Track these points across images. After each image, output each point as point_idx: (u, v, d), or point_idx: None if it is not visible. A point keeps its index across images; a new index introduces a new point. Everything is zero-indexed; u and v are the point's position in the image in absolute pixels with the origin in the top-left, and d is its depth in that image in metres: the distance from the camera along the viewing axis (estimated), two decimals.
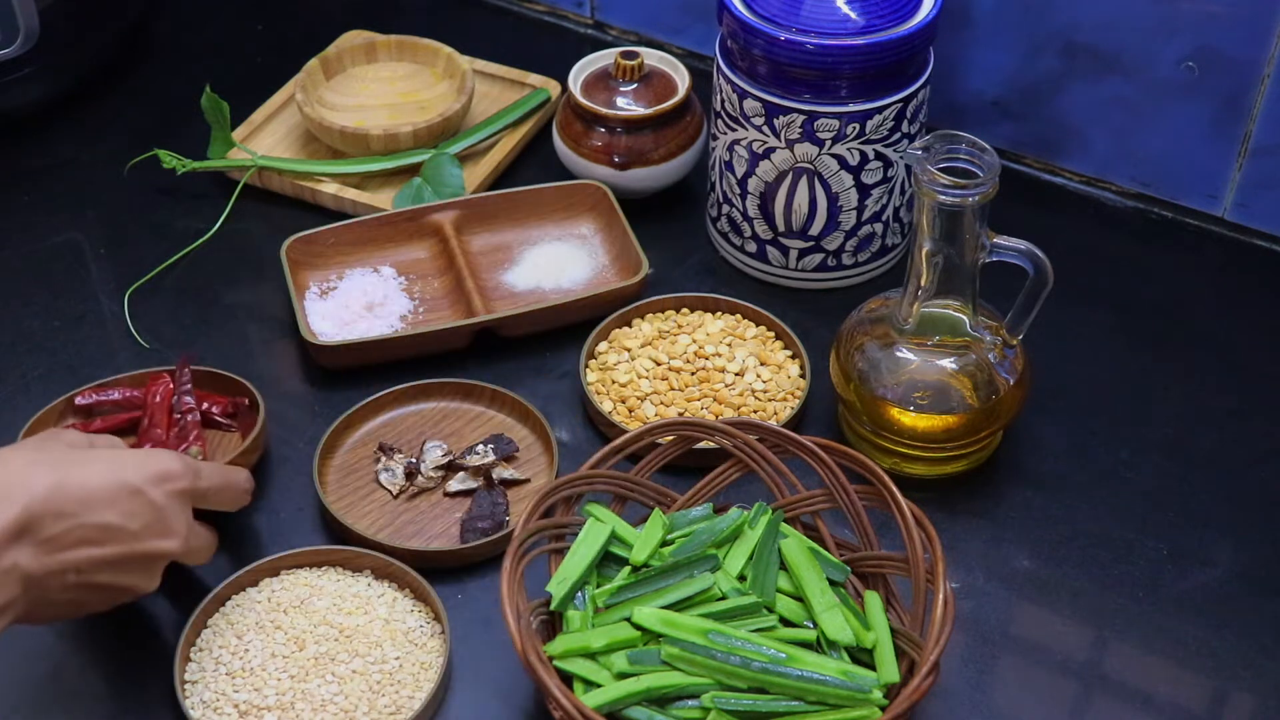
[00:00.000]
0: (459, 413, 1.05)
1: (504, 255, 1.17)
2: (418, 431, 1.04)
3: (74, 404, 1.03)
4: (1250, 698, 0.91)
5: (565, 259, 1.16)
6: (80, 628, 0.93)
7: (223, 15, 1.45)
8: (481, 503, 0.99)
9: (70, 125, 1.31)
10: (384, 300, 1.12)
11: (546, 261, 1.16)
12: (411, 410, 1.05)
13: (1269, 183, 1.16)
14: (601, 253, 1.17)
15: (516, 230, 1.18)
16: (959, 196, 0.89)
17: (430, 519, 0.99)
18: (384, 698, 0.87)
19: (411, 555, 0.95)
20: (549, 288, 1.14)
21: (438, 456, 1.01)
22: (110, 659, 0.92)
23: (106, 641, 0.92)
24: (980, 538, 0.99)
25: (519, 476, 1.01)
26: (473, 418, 1.05)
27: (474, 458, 1.01)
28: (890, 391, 0.97)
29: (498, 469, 1.01)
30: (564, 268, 1.16)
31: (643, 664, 0.82)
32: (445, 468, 1.01)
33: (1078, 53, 1.17)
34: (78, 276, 1.17)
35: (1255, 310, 1.15)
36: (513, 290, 1.14)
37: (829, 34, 1.02)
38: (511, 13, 1.44)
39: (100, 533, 0.81)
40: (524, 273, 1.15)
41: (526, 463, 1.03)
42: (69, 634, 0.92)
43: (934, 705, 0.89)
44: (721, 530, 0.90)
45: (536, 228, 1.18)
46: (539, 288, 1.14)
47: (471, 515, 0.98)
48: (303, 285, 1.12)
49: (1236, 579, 0.96)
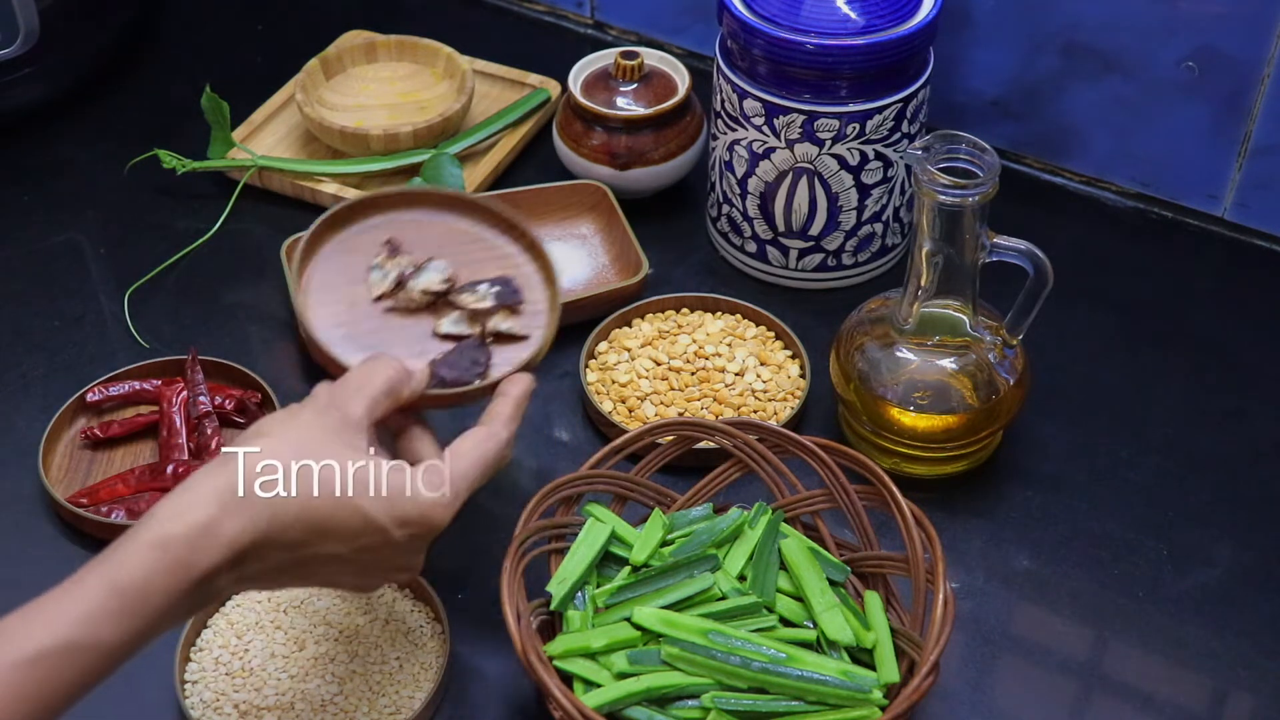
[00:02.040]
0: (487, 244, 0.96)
1: None
2: (437, 244, 0.95)
3: (85, 401, 1.03)
4: (1250, 698, 0.91)
5: (565, 259, 1.16)
6: None
7: (223, 15, 1.45)
8: (462, 355, 0.90)
9: (70, 125, 1.31)
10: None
11: None
12: (441, 219, 0.96)
13: (1269, 183, 1.16)
14: (601, 253, 1.17)
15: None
16: (959, 196, 0.89)
17: (393, 340, 0.91)
18: (384, 698, 0.87)
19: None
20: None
21: (435, 280, 0.92)
22: None
23: None
24: (980, 538, 0.99)
25: (516, 331, 0.92)
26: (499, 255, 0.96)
27: (471, 297, 0.92)
28: (890, 391, 0.97)
29: (495, 318, 0.92)
30: (564, 268, 1.15)
31: (643, 664, 0.82)
32: (437, 295, 0.93)
33: (1078, 53, 1.17)
34: (78, 276, 1.17)
35: (1255, 310, 1.15)
36: None
37: (829, 34, 1.02)
38: (511, 13, 1.44)
39: (326, 560, 0.76)
40: None
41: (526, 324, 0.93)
42: None
43: (934, 705, 0.89)
44: (721, 530, 0.90)
45: (536, 228, 1.18)
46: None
47: (443, 360, 0.89)
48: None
49: (1236, 579, 0.96)
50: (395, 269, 0.93)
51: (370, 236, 0.95)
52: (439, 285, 0.92)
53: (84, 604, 0.67)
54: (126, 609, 0.68)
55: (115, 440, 1.03)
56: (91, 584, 0.68)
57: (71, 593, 0.68)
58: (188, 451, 1.01)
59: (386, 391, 0.81)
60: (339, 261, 0.94)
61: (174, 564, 0.69)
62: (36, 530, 0.98)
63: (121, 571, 0.68)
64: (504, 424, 0.84)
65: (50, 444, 1.01)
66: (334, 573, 0.78)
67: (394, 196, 0.96)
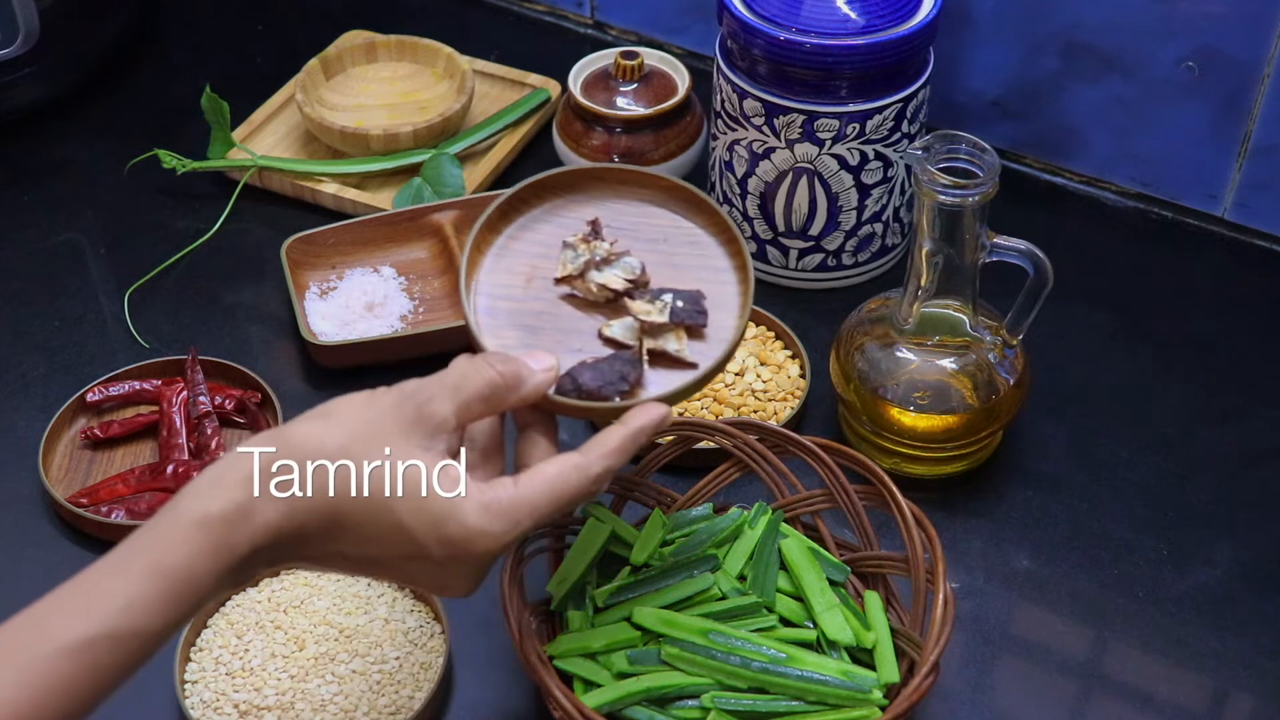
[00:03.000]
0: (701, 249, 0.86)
1: None
2: (649, 237, 0.86)
3: (85, 401, 1.03)
4: (1250, 698, 0.91)
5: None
6: None
7: (223, 15, 1.45)
8: (613, 365, 0.79)
9: (70, 125, 1.31)
10: (384, 300, 1.12)
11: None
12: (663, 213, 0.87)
13: (1269, 183, 1.16)
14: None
15: None
16: (959, 196, 0.89)
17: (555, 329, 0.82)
18: (384, 698, 0.87)
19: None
20: None
21: (618, 276, 0.83)
22: None
23: None
24: (980, 538, 0.99)
25: (684, 356, 0.81)
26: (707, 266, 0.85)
27: (647, 306, 0.82)
28: (890, 391, 0.97)
29: (666, 336, 0.81)
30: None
31: (643, 664, 0.82)
32: (616, 293, 0.82)
33: (1078, 53, 1.17)
34: (78, 276, 1.17)
35: (1255, 310, 1.15)
36: None
37: (829, 34, 1.02)
38: (511, 13, 1.44)
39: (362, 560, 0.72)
40: None
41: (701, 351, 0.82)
42: None
43: (934, 705, 0.89)
44: (721, 530, 0.90)
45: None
46: None
47: (590, 366, 0.79)
48: (303, 285, 1.12)
49: (1236, 579, 0.96)
50: (587, 253, 0.83)
51: (581, 210, 0.86)
52: (620, 284, 0.82)
53: (129, 589, 0.65)
54: (170, 594, 0.65)
55: (115, 440, 1.03)
56: (136, 568, 0.65)
57: (116, 577, 0.65)
58: (188, 451, 1.01)
59: (483, 396, 0.74)
60: (539, 229, 0.86)
61: (213, 546, 0.66)
62: (36, 530, 0.98)
63: (165, 558, 0.66)
64: (603, 457, 0.75)
65: (50, 444, 1.01)
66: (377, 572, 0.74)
67: (621, 172, 0.87)
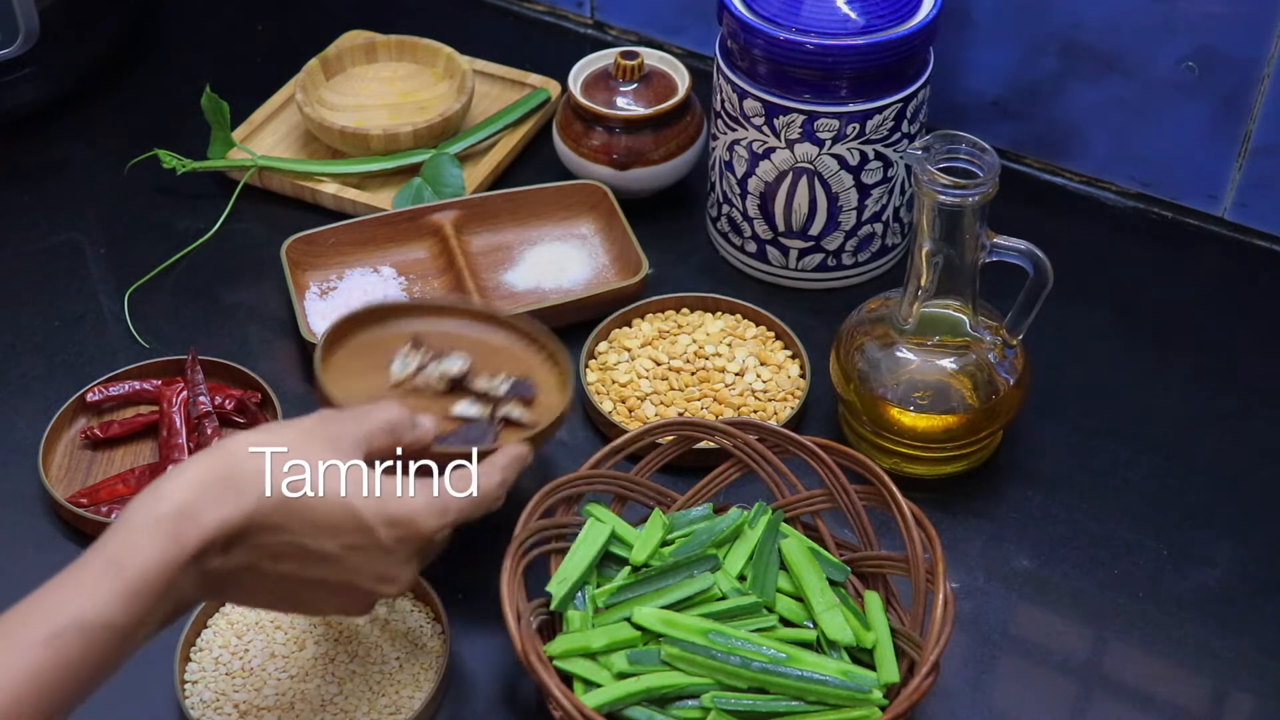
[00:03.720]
0: (510, 352, 0.99)
1: (504, 255, 1.17)
2: (463, 346, 0.97)
3: (85, 401, 1.03)
4: (1250, 698, 0.91)
5: (565, 259, 1.16)
6: None
7: (223, 15, 1.45)
8: (470, 430, 0.91)
9: (70, 125, 1.31)
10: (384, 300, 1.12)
11: (546, 261, 1.16)
12: (468, 329, 0.99)
13: (1269, 183, 1.16)
14: (601, 252, 1.17)
15: (516, 230, 1.18)
16: (959, 196, 0.89)
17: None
18: (384, 698, 0.87)
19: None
20: (549, 287, 1.14)
21: (454, 366, 0.95)
22: None
23: None
24: (980, 538, 0.99)
25: (526, 421, 0.93)
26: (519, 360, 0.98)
27: (487, 383, 0.95)
28: (890, 391, 0.97)
29: (508, 406, 0.94)
30: (564, 267, 1.16)
31: (643, 664, 0.82)
32: (455, 381, 0.94)
33: (1078, 53, 1.17)
34: (78, 276, 1.17)
35: (1255, 310, 1.15)
36: (513, 290, 1.14)
37: (829, 34, 1.02)
38: (511, 13, 1.44)
39: (313, 558, 0.76)
40: (524, 273, 1.15)
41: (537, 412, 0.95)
42: None
43: (934, 705, 0.89)
44: (721, 530, 0.90)
45: (536, 228, 1.18)
46: (539, 287, 1.14)
47: (451, 434, 0.91)
48: (303, 285, 1.12)
49: (1236, 579, 0.96)
50: (417, 358, 0.95)
51: (396, 333, 0.97)
52: (458, 371, 0.94)
53: (88, 585, 0.69)
54: (127, 587, 0.69)
55: (115, 440, 1.03)
56: (94, 565, 0.70)
57: (76, 575, 0.70)
58: (188, 451, 1.01)
59: (386, 428, 0.82)
60: (362, 353, 0.96)
61: (164, 539, 0.70)
62: (36, 530, 0.98)
63: (119, 550, 0.70)
64: (499, 470, 0.84)
65: (50, 444, 1.01)
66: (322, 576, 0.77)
67: (424, 306, 1.00)
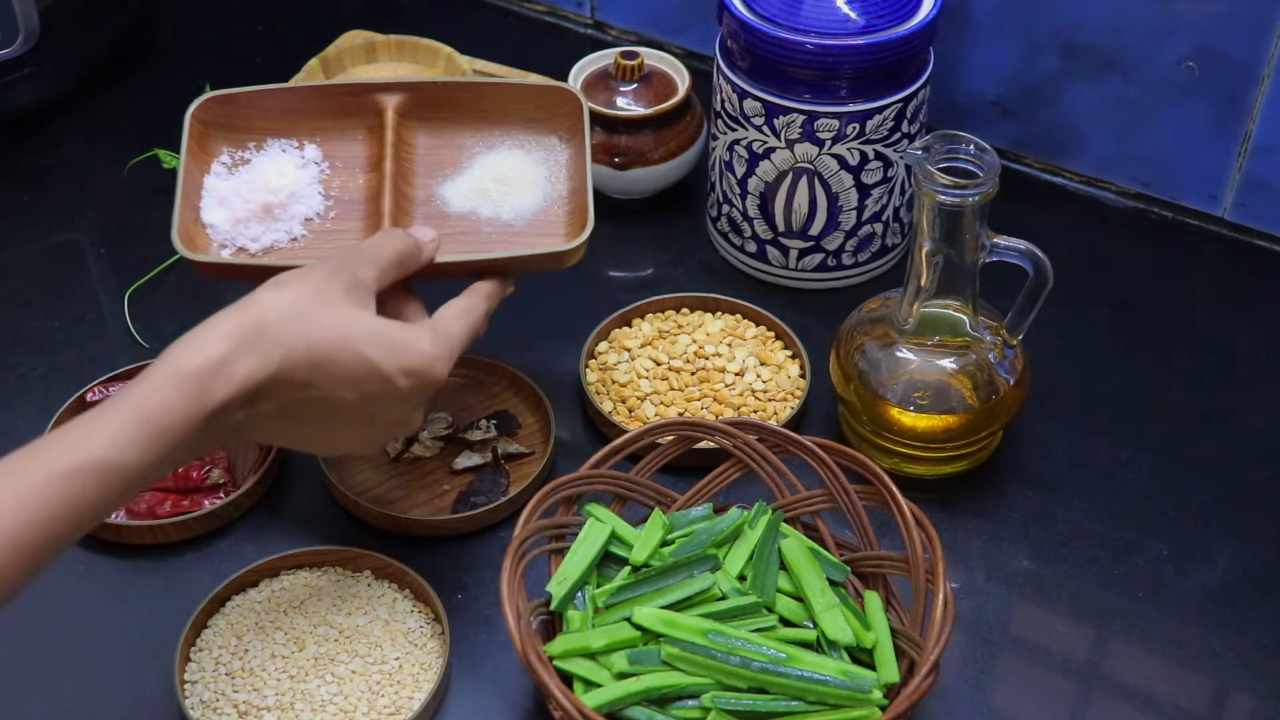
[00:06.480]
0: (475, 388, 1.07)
1: (451, 156, 1.01)
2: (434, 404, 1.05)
3: (85, 401, 1.03)
4: (1250, 698, 0.91)
5: (519, 177, 1.00)
6: (79, 626, 0.93)
7: (223, 15, 1.45)
8: (484, 479, 1.00)
9: (70, 125, 1.31)
10: (288, 201, 0.97)
11: (495, 179, 1.00)
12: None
13: (1269, 183, 1.16)
14: (562, 180, 1.00)
15: (474, 129, 1.02)
16: (959, 196, 0.89)
17: (420, 488, 1.00)
18: (384, 698, 0.87)
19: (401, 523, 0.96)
20: (485, 215, 0.98)
21: (439, 426, 1.03)
22: (110, 658, 0.92)
23: (106, 640, 0.92)
24: (980, 538, 0.99)
25: (522, 450, 1.02)
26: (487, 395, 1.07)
27: (476, 432, 1.03)
28: (890, 391, 0.97)
29: (501, 443, 1.02)
30: (512, 190, 1.00)
31: (643, 664, 0.82)
32: (445, 439, 1.03)
33: (1078, 53, 1.17)
34: (78, 276, 1.17)
35: (1255, 310, 1.15)
36: (444, 210, 0.99)
37: (829, 34, 1.02)
38: (511, 13, 1.44)
39: (335, 406, 0.80)
40: (466, 185, 1.00)
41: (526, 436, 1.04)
42: (69, 632, 0.93)
43: (934, 705, 0.89)
44: (721, 530, 0.90)
45: (500, 128, 1.02)
46: (474, 213, 0.98)
47: (471, 489, 0.99)
48: (211, 154, 0.99)
49: (1236, 579, 0.96)
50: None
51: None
52: (444, 430, 1.03)
53: (113, 427, 0.73)
54: (150, 435, 0.73)
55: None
56: (120, 410, 0.73)
57: (99, 418, 0.73)
58: None
59: (396, 262, 0.86)
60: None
61: (191, 395, 0.74)
62: None
63: (145, 400, 0.74)
64: (484, 298, 0.90)
65: None
66: (341, 422, 0.82)
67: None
